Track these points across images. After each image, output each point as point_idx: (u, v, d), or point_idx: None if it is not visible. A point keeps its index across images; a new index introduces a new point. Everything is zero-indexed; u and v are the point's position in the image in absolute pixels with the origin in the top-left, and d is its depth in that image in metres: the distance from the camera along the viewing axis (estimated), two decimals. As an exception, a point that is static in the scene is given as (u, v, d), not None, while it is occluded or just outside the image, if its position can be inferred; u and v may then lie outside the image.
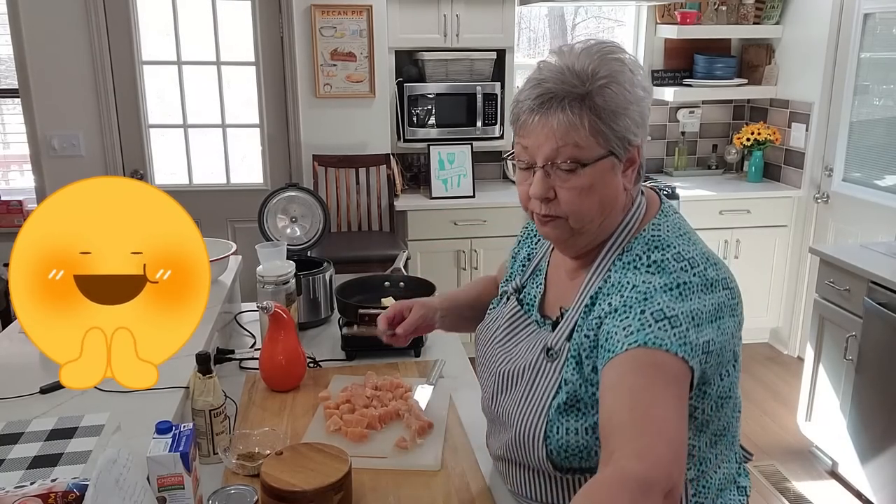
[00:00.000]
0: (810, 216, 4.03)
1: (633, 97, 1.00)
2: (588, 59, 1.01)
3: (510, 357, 1.17)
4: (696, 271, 1.00)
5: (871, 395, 2.67)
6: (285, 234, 2.12)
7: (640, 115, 1.01)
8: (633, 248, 1.05)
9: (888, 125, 3.59)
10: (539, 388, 1.08)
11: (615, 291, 1.01)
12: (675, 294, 0.97)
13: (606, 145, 1.00)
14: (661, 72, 4.46)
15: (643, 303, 0.96)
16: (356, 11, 3.79)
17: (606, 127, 0.99)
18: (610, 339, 0.96)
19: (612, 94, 0.99)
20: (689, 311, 0.96)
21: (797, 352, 4.16)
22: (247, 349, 1.91)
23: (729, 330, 1.01)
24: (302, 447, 1.27)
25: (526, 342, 1.16)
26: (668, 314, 0.95)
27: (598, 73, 0.99)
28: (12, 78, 3.73)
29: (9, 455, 1.24)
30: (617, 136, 1.00)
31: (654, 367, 0.92)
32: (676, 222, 1.09)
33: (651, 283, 0.98)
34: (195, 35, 3.83)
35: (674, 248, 1.03)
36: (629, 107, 1.00)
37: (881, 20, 3.57)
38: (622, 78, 1.00)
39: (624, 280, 1.02)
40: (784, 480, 2.99)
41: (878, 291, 2.62)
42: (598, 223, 1.06)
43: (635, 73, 1.02)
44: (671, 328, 0.93)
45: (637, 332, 0.94)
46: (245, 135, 4.04)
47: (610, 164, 1.02)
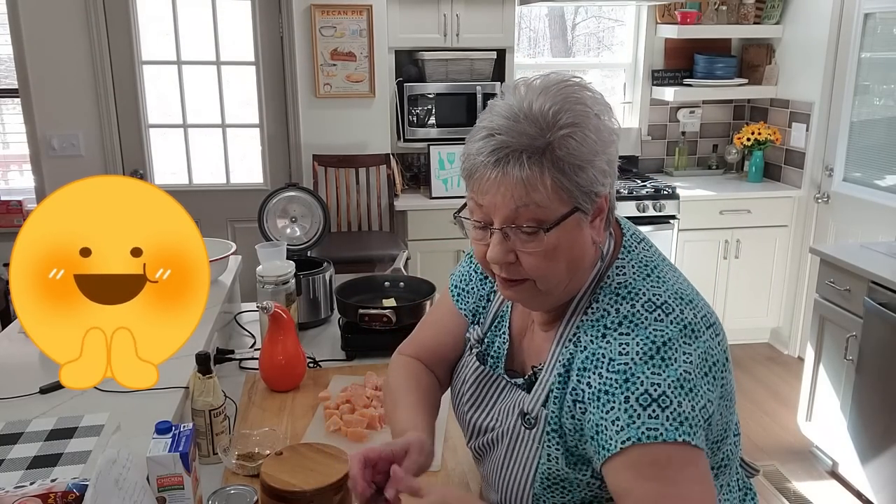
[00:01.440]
0: (811, 216, 4.03)
1: (599, 145, 0.89)
2: (548, 102, 0.88)
3: (487, 426, 1.07)
4: (671, 318, 0.90)
5: (871, 396, 2.67)
6: (285, 234, 2.11)
7: (607, 163, 0.90)
8: (599, 299, 0.95)
9: (888, 125, 3.59)
10: (520, 459, 1.00)
11: (592, 367, 0.91)
12: (656, 362, 0.87)
13: (571, 201, 0.88)
14: (661, 72, 4.46)
15: (625, 387, 0.87)
16: (356, 11, 3.79)
17: (570, 182, 0.87)
18: (601, 434, 0.88)
19: (575, 144, 0.87)
20: (676, 380, 0.86)
21: (797, 352, 4.16)
22: (247, 349, 1.91)
23: (721, 372, 0.93)
24: (302, 447, 1.27)
25: (499, 404, 1.06)
26: (654, 395, 0.85)
27: (559, 121, 0.87)
28: (12, 78, 3.73)
29: (8, 455, 1.24)
30: (583, 190, 0.88)
31: (658, 465, 0.85)
32: (641, 258, 0.99)
33: (629, 354, 0.88)
34: (195, 35, 3.83)
35: (643, 296, 0.93)
36: (595, 157, 0.88)
37: (881, 20, 3.57)
38: (587, 124, 0.88)
39: (599, 351, 0.91)
40: (784, 480, 2.99)
41: (879, 291, 2.62)
42: (567, 282, 0.95)
43: (602, 115, 0.91)
44: (661, 411, 0.85)
45: (628, 428, 0.85)
46: (245, 135, 4.04)
47: (576, 220, 0.90)
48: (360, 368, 1.77)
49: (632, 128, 4.51)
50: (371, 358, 1.84)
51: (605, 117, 0.91)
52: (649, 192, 4.00)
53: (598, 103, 0.91)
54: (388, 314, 1.77)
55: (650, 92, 4.50)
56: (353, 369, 1.78)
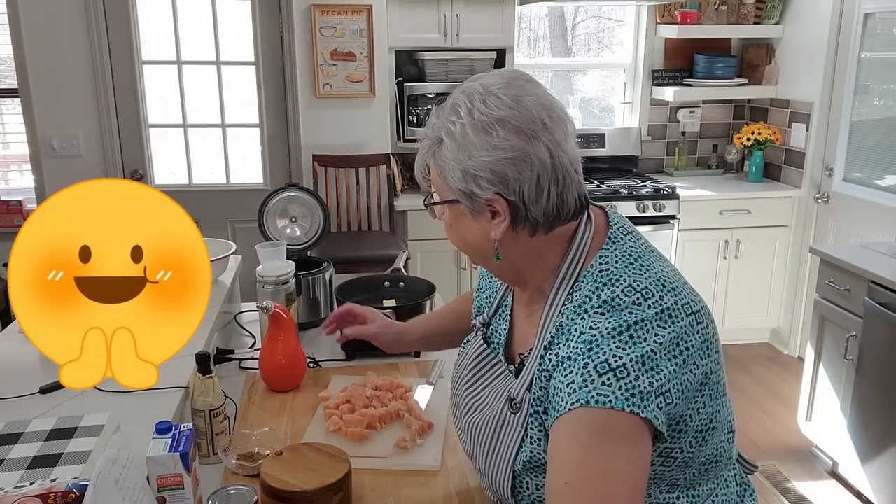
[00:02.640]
0: (811, 216, 4.03)
1: (469, 152, 0.95)
2: (447, 107, 0.99)
3: (476, 405, 1.12)
4: (650, 303, 0.92)
5: (871, 395, 2.67)
6: (285, 234, 2.11)
7: (488, 171, 0.94)
8: (581, 287, 0.98)
9: (888, 125, 3.59)
10: (503, 443, 1.03)
11: (563, 339, 0.94)
12: (624, 339, 0.89)
13: (451, 193, 0.99)
14: (661, 72, 4.46)
15: (587, 354, 0.89)
16: (356, 11, 3.79)
17: (442, 178, 0.99)
18: (555, 397, 0.90)
19: (445, 149, 0.97)
20: (639, 356, 0.87)
21: (797, 352, 4.16)
22: (247, 349, 1.91)
23: (697, 359, 0.93)
24: (302, 447, 1.27)
25: (492, 387, 1.10)
26: (613, 365, 0.87)
27: (440, 126, 0.98)
28: (12, 78, 3.73)
29: (8, 455, 1.24)
30: (455, 187, 0.97)
31: (598, 431, 0.85)
32: (626, 248, 1.01)
33: (598, 329, 0.91)
34: (195, 35, 3.83)
35: (624, 282, 0.95)
36: (462, 161, 0.95)
37: (881, 20, 3.57)
38: (456, 131, 0.96)
39: (572, 326, 0.94)
40: (784, 480, 2.99)
41: (879, 291, 2.62)
42: (483, 262, 1.06)
43: (477, 126, 0.94)
44: (616, 380, 0.86)
45: (580, 390, 0.87)
46: (245, 135, 4.04)
47: (460, 209, 1.00)
48: (360, 368, 1.77)
49: (632, 128, 4.51)
50: (371, 358, 1.84)
51: (491, 133, 0.94)
52: (649, 192, 4.01)
53: (486, 119, 0.94)
54: (388, 314, 1.77)
55: (650, 92, 4.50)
56: (353, 369, 1.78)
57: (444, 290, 4.00)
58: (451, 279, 3.88)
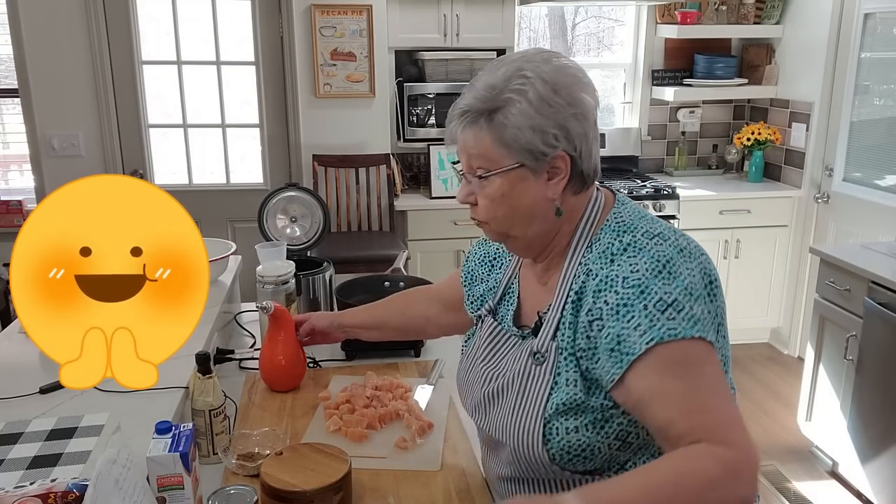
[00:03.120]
0: (811, 216, 4.03)
1: (543, 110, 1.02)
2: (504, 73, 1.04)
3: (495, 373, 1.16)
4: (669, 243, 1.02)
5: (871, 395, 2.67)
6: (285, 234, 2.11)
7: (557, 126, 1.02)
8: (601, 237, 1.07)
9: (888, 125, 3.59)
10: (531, 394, 1.08)
11: (607, 287, 1.01)
12: (664, 276, 0.98)
13: (514, 157, 1.03)
14: (661, 72, 4.46)
15: (642, 297, 0.97)
16: (356, 11, 3.79)
17: (511, 140, 1.02)
18: (623, 343, 0.97)
19: (516, 110, 1.02)
20: (684, 289, 0.97)
21: (797, 352, 4.16)
22: (247, 349, 1.91)
23: (718, 292, 1.04)
24: (302, 447, 1.27)
25: (509, 356, 1.15)
26: (668, 301, 0.96)
27: (507, 87, 1.03)
28: (12, 78, 3.72)
29: (8, 455, 1.24)
30: (524, 148, 1.02)
31: (680, 363, 0.94)
32: (634, 207, 1.12)
33: (639, 271, 0.99)
34: (195, 35, 3.83)
35: (641, 228, 1.06)
36: (536, 119, 1.01)
37: (881, 20, 3.57)
38: (530, 91, 1.02)
39: (611, 273, 1.01)
40: (784, 480, 2.99)
41: (879, 291, 2.62)
42: (524, 228, 1.09)
43: (557, 80, 1.03)
44: (678, 313, 0.95)
45: (650, 330, 0.95)
46: (245, 135, 4.04)
47: (520, 174, 1.04)
48: (360, 368, 1.77)
49: (632, 128, 4.51)
50: (371, 358, 1.84)
51: (562, 84, 1.03)
52: (649, 192, 4.01)
53: (558, 73, 1.04)
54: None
55: (650, 92, 4.50)
56: (353, 369, 1.78)
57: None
58: (451, 279, 3.87)
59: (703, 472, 0.87)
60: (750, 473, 0.89)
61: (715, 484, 0.86)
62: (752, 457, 0.89)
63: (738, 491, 0.87)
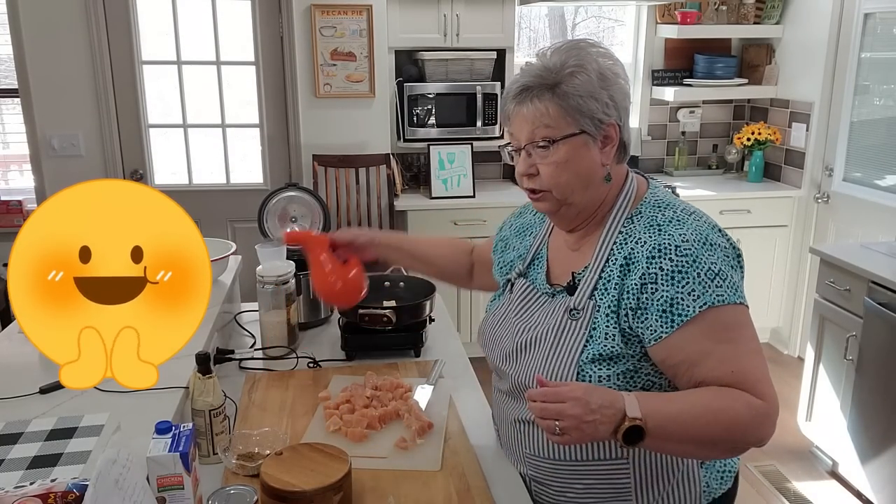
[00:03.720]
0: (811, 216, 4.03)
1: (599, 82, 1.15)
2: (559, 56, 1.17)
3: (528, 326, 1.27)
4: (703, 220, 1.19)
5: (871, 395, 2.67)
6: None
7: (609, 98, 1.16)
8: (642, 211, 1.21)
9: (888, 125, 3.59)
10: (566, 345, 1.19)
11: (660, 254, 1.13)
12: (708, 248, 1.13)
13: (576, 125, 1.15)
14: (661, 72, 4.46)
15: (694, 265, 1.11)
16: (356, 11, 3.79)
17: (574, 108, 1.14)
18: (677, 305, 1.11)
19: (578, 81, 1.14)
20: (724, 259, 1.13)
21: (797, 352, 4.16)
22: (247, 349, 1.91)
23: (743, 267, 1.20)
24: (302, 447, 1.27)
25: (542, 311, 1.27)
26: (715, 270, 1.11)
27: (566, 64, 1.15)
28: (12, 78, 3.72)
29: (8, 455, 1.24)
30: (585, 116, 1.15)
31: (728, 328, 1.10)
32: (665, 191, 1.27)
33: (688, 241, 1.13)
34: (195, 35, 3.83)
35: (678, 206, 1.20)
36: (594, 90, 1.15)
37: (881, 20, 3.57)
38: (588, 66, 1.15)
39: (663, 241, 1.14)
40: (784, 480, 2.99)
41: (879, 291, 2.62)
42: (582, 194, 1.20)
43: (603, 60, 1.17)
44: (723, 281, 1.11)
45: (703, 295, 1.10)
46: (245, 135, 4.03)
47: (582, 140, 1.16)
48: (360, 368, 1.77)
49: (632, 128, 4.50)
50: (371, 358, 1.84)
51: (608, 62, 1.18)
52: (649, 192, 4.00)
53: (602, 53, 1.19)
54: (388, 314, 1.77)
55: (650, 92, 4.50)
56: (353, 369, 1.78)
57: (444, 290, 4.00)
58: (451, 279, 3.87)
59: (736, 412, 1.05)
60: (770, 422, 1.08)
61: (743, 424, 1.06)
62: (775, 409, 1.08)
63: (759, 434, 1.08)
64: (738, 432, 1.07)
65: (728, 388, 1.07)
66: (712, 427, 1.05)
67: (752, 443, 1.10)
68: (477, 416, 1.56)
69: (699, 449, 1.10)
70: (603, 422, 1.02)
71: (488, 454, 1.41)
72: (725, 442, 1.08)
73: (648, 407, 1.03)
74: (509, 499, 1.27)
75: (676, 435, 1.05)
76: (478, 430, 1.49)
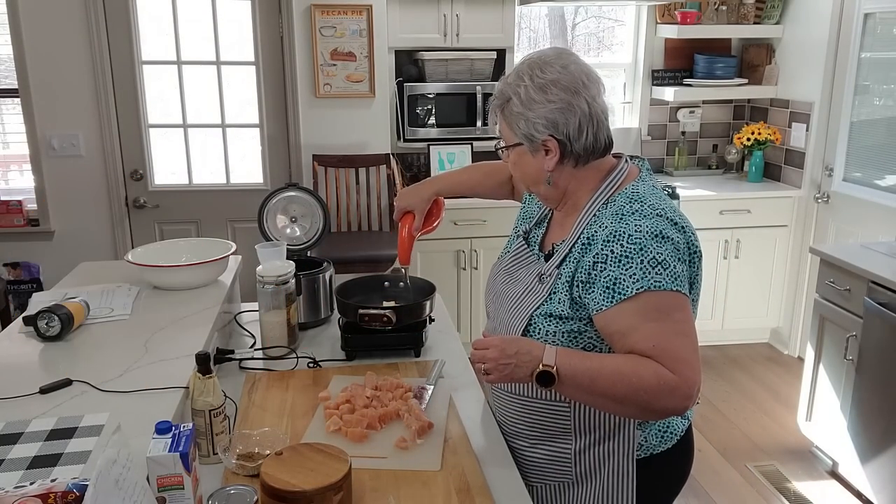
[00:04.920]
0: (810, 216, 4.03)
1: (527, 104, 1.32)
2: (513, 77, 1.35)
3: (511, 280, 1.48)
4: (667, 216, 1.29)
5: (871, 395, 2.67)
6: (285, 234, 2.12)
7: (540, 118, 1.31)
8: (616, 200, 1.34)
9: (888, 125, 3.59)
10: (527, 300, 1.39)
11: (614, 239, 1.26)
12: (659, 240, 1.25)
13: (516, 138, 1.36)
14: (661, 72, 4.46)
15: (640, 253, 1.24)
16: (356, 11, 3.79)
17: (514, 126, 1.35)
18: (618, 284, 1.24)
19: (514, 104, 1.34)
20: (672, 251, 1.25)
21: (797, 352, 4.16)
22: (247, 349, 1.91)
23: (698, 266, 1.34)
24: (302, 447, 1.27)
25: (525, 269, 1.46)
26: (659, 259, 1.23)
27: (508, 89, 1.35)
28: (12, 78, 3.72)
29: (8, 455, 1.24)
30: (520, 132, 1.34)
31: (660, 309, 1.22)
32: (650, 185, 1.38)
33: (641, 233, 1.25)
34: (195, 35, 3.83)
35: (648, 202, 1.31)
36: (523, 111, 1.32)
37: (881, 20, 3.57)
38: (520, 90, 1.32)
39: (620, 228, 1.27)
40: (784, 480, 2.99)
41: (879, 291, 2.62)
42: (536, 188, 1.41)
43: (535, 88, 1.31)
44: (664, 270, 1.23)
45: (642, 279, 1.22)
46: (245, 135, 4.03)
47: (521, 150, 1.37)
48: (360, 368, 1.77)
49: (632, 128, 4.51)
50: (371, 358, 1.84)
51: (547, 91, 1.30)
52: (649, 192, 4.00)
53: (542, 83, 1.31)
54: (388, 314, 1.77)
55: (650, 92, 4.50)
56: (353, 369, 1.78)
57: (444, 290, 4.00)
58: (451, 279, 3.88)
59: (641, 378, 1.18)
60: (679, 396, 1.18)
61: (649, 390, 1.17)
62: (687, 386, 1.18)
63: (665, 403, 1.19)
64: (643, 396, 1.19)
65: (645, 358, 1.20)
66: (618, 386, 1.19)
67: (659, 410, 1.22)
68: (477, 416, 1.56)
69: (609, 403, 1.23)
70: (519, 365, 1.23)
71: (488, 454, 1.41)
72: (631, 402, 1.20)
73: (563, 359, 1.22)
74: (509, 499, 1.27)
75: (585, 386, 1.22)
76: (478, 430, 1.50)
